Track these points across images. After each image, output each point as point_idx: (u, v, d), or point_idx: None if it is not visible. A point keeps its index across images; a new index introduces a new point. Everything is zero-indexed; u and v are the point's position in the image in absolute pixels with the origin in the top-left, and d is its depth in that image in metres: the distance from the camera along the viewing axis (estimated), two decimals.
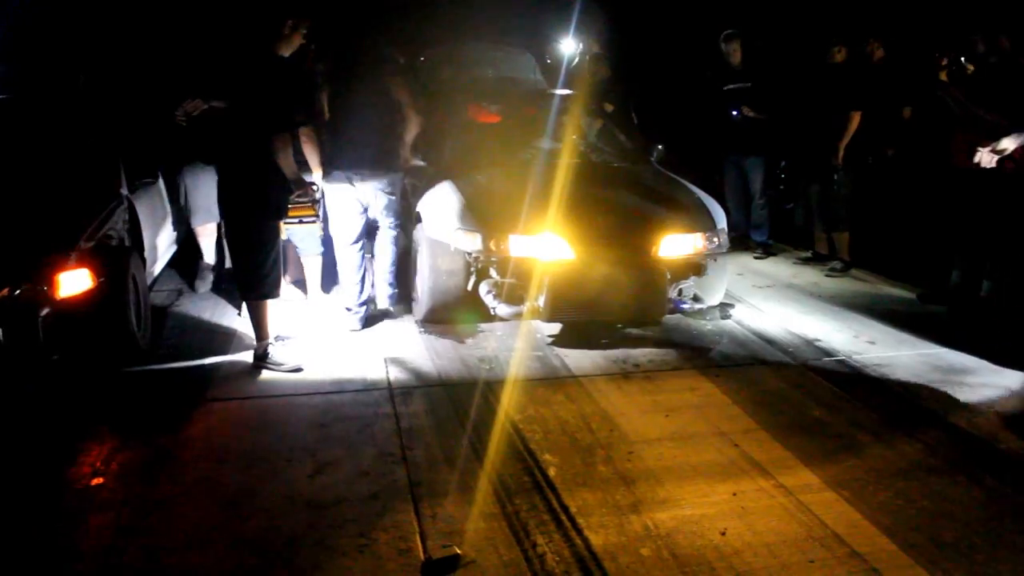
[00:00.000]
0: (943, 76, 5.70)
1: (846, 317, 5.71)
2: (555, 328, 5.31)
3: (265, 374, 4.58)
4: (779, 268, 7.11)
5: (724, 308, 5.73)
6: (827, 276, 6.79)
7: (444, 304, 5.30)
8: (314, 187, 4.67)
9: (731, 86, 7.39)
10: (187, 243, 6.25)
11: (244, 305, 4.84)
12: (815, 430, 4.00)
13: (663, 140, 6.64)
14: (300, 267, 5.90)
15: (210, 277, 6.10)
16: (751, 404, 4.27)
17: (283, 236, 4.79)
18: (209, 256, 6.12)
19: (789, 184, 8.64)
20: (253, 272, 4.55)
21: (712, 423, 4.04)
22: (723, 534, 3.08)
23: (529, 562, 2.91)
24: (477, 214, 5.08)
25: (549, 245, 4.93)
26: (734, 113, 7.38)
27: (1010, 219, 5.60)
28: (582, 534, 3.08)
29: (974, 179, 5.65)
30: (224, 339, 5.16)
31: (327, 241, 5.55)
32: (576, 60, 9.07)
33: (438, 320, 5.38)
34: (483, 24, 9.50)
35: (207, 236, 6.06)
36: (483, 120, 6.97)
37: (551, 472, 3.54)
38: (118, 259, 4.67)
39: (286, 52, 4.48)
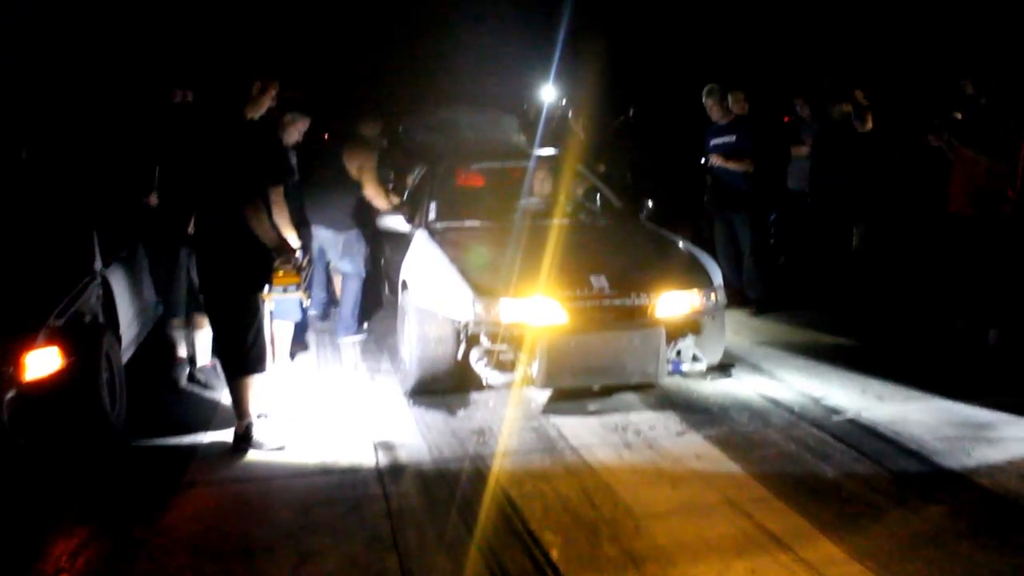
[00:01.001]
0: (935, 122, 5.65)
1: (850, 372, 5.49)
2: (548, 395, 5.09)
3: (247, 455, 4.31)
4: (776, 325, 6.92)
5: (724, 368, 5.54)
6: (826, 332, 6.62)
7: (433, 374, 5.08)
8: (299, 253, 4.45)
9: (717, 140, 7.31)
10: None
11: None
12: (831, 496, 3.76)
13: (654, 196, 6.51)
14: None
15: (186, 369, 5.53)
16: (761, 470, 4.04)
17: (269, 307, 4.54)
18: (182, 349, 5.55)
19: (779, 239, 8.55)
20: (236, 348, 4.31)
21: (722, 492, 3.80)
22: None
23: None
24: (466, 279, 4.89)
25: (541, 309, 4.74)
26: (702, 161, 7.30)
27: (1011, 263, 5.49)
28: None
29: (973, 224, 5.55)
30: (205, 415, 4.91)
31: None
32: (558, 113, 9.05)
33: (427, 391, 5.15)
34: (463, 87, 9.48)
35: (177, 329, 5.49)
36: (467, 183, 6.86)
37: (554, 554, 3.29)
38: (91, 337, 4.45)
39: (255, 115, 4.33)
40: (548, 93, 10.47)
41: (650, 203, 6.41)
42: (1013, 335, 5.61)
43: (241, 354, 4.30)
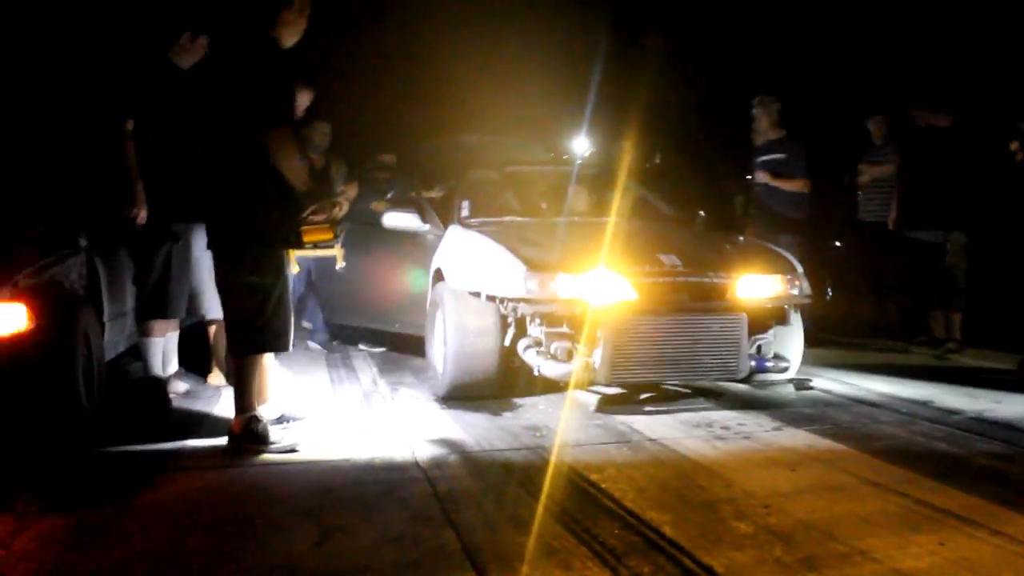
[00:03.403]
0: None
1: (944, 385, 4.67)
2: (603, 400, 4.29)
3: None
4: (835, 350, 6.09)
5: (800, 380, 4.75)
6: (902, 353, 5.87)
7: (471, 372, 4.27)
8: (336, 203, 3.67)
9: (765, 157, 6.67)
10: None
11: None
12: (998, 477, 2.98)
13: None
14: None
15: (183, 384, 4.68)
16: (893, 456, 3.25)
17: (294, 269, 3.74)
18: (168, 366, 4.62)
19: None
20: (247, 319, 3.46)
21: (855, 474, 3.01)
22: None
23: None
24: (516, 255, 4.15)
25: (605, 283, 4.00)
26: (747, 177, 6.66)
27: None
28: None
29: None
30: (190, 424, 3.97)
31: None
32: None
33: (464, 396, 4.34)
34: (484, 114, 8.99)
35: (156, 337, 4.49)
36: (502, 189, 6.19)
37: (667, 530, 2.47)
38: (66, 306, 3.69)
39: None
40: (581, 145, 9.97)
41: (702, 213, 5.77)
42: None
43: (258, 327, 3.46)
